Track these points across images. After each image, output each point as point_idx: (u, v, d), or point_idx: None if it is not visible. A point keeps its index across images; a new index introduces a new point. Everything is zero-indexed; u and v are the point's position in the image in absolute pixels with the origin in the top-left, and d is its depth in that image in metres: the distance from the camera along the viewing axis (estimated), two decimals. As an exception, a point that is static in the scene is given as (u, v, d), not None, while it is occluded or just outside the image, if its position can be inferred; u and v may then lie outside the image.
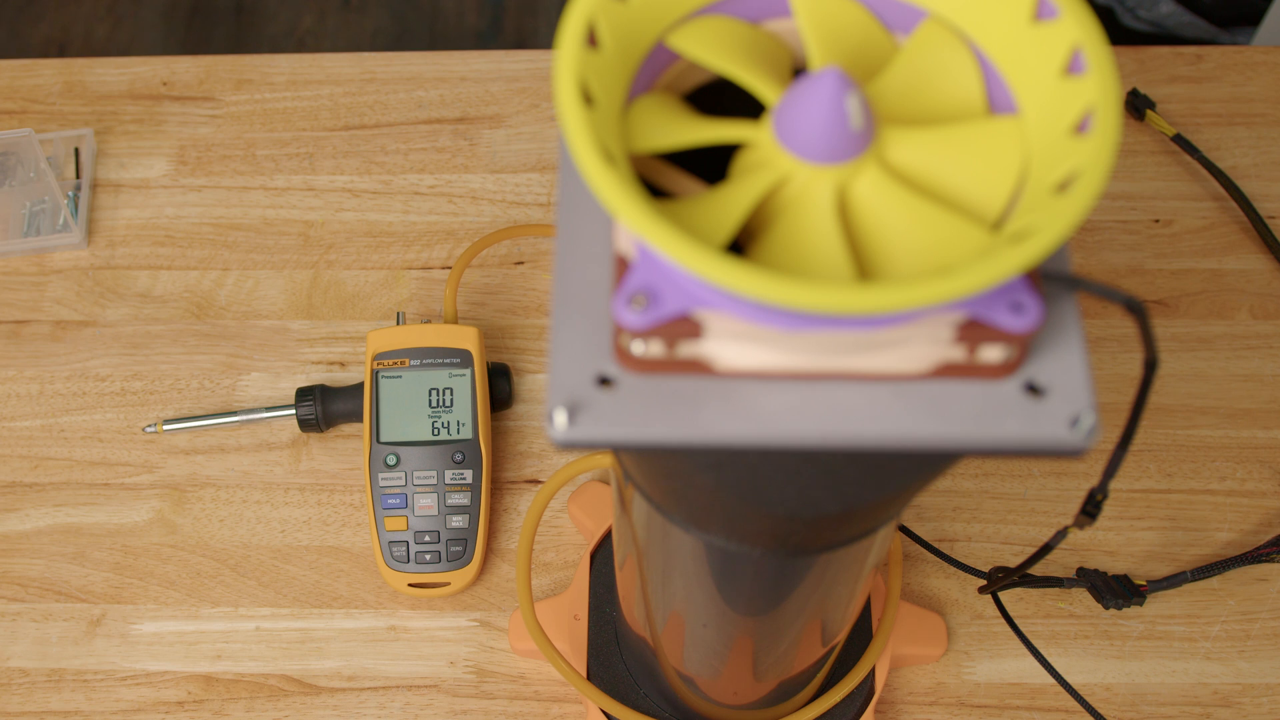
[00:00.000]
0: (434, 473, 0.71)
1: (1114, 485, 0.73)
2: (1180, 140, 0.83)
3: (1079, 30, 0.35)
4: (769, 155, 0.35)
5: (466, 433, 0.72)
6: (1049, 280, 0.35)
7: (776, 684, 0.59)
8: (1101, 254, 0.81)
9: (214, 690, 0.69)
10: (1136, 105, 0.85)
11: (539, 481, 0.75)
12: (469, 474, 0.71)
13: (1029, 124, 0.36)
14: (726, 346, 0.35)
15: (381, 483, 0.71)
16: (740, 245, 0.36)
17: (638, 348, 0.35)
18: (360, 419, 0.74)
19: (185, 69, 0.89)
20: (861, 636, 0.66)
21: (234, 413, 0.75)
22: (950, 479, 0.74)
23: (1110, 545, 0.72)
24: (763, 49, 0.38)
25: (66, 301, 0.81)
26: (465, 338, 0.73)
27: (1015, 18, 0.36)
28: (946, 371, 0.35)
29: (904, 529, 0.71)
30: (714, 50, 0.37)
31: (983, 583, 0.71)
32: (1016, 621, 0.69)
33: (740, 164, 0.37)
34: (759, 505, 0.40)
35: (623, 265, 0.35)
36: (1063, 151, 0.34)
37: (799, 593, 0.48)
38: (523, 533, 0.63)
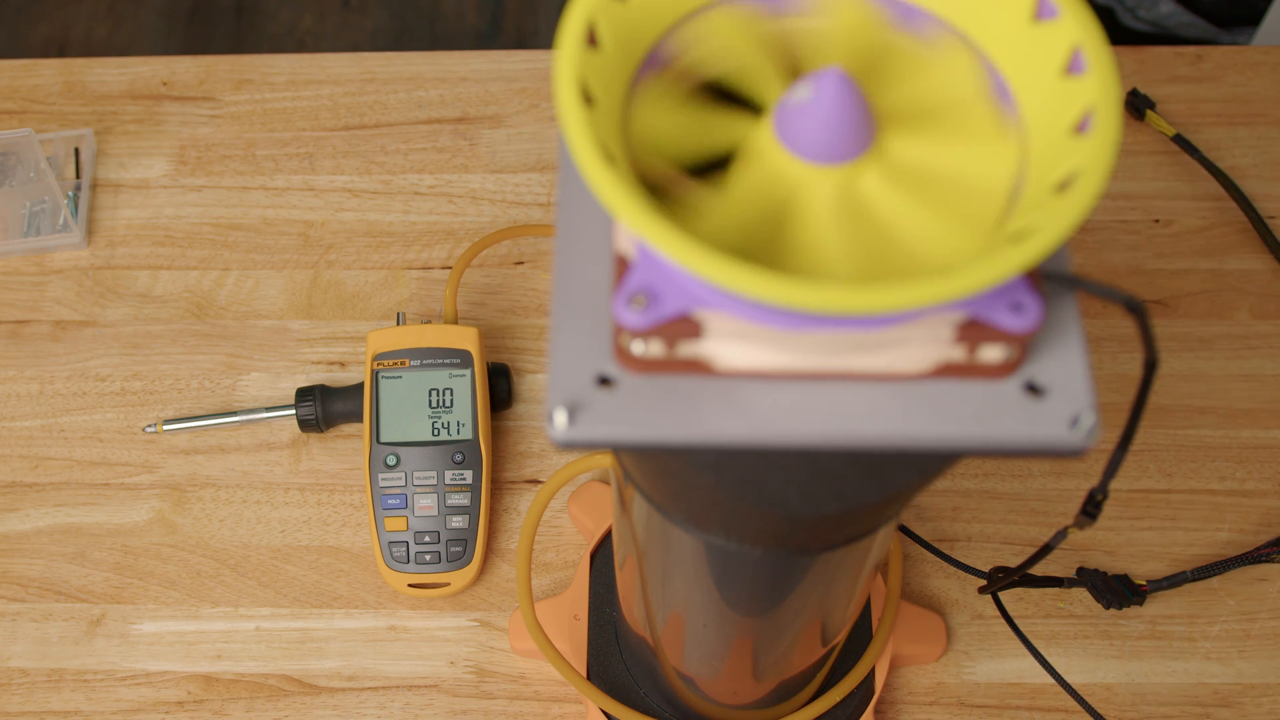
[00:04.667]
0: (434, 473, 0.71)
1: (1114, 485, 0.73)
2: (1180, 140, 0.83)
3: (1079, 30, 0.35)
4: (769, 155, 0.35)
5: (466, 433, 0.72)
6: (1049, 280, 0.35)
7: (776, 684, 0.59)
8: (1101, 254, 0.81)
9: (214, 690, 0.69)
10: (1136, 105, 0.85)
11: (539, 481, 0.75)
12: (469, 474, 0.71)
13: (1029, 124, 0.36)
14: (726, 346, 0.35)
15: (381, 483, 0.71)
16: (740, 245, 0.36)
17: (638, 348, 0.35)
18: (360, 419, 0.74)
19: (185, 69, 0.89)
20: (861, 636, 0.66)
21: (234, 413, 0.75)
22: (950, 479, 0.74)
23: (1110, 545, 0.72)
24: (763, 49, 0.38)
25: (66, 301, 0.81)
26: (465, 338, 0.73)
27: (1015, 18, 0.36)
28: (946, 371, 0.35)
29: (904, 529, 0.71)
30: (714, 50, 0.37)
31: (983, 583, 0.70)
32: (1016, 621, 0.69)
33: (740, 164, 0.36)
34: (759, 505, 0.40)
35: (623, 265, 0.35)
36: (1063, 151, 0.34)
37: (799, 593, 0.48)
38: (523, 533, 0.63)
